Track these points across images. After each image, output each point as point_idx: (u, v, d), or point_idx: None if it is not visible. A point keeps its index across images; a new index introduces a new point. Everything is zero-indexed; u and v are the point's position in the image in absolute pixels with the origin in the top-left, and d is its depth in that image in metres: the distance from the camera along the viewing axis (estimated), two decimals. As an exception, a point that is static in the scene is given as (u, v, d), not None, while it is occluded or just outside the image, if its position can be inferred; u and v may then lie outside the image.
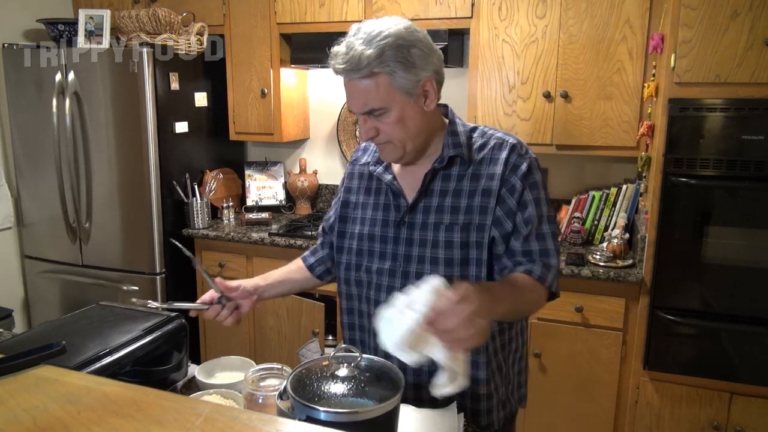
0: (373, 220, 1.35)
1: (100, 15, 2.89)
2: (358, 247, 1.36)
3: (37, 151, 3.05)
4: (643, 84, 2.40)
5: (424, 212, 1.29)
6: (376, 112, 1.20)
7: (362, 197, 1.39)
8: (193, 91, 3.09)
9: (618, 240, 2.48)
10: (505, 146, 1.28)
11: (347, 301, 1.42)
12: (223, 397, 1.23)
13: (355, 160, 1.46)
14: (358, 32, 1.17)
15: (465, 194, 1.27)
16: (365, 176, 1.40)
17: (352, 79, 1.18)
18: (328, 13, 2.84)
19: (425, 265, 1.28)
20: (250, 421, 0.71)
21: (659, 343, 2.28)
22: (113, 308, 1.42)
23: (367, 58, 1.14)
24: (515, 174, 1.25)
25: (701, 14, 2.06)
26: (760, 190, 2.09)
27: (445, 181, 1.29)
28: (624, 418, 2.45)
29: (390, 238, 1.32)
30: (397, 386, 0.99)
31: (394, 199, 1.33)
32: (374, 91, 1.17)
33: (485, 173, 1.27)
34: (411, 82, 1.18)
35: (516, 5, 2.55)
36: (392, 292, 1.29)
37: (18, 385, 0.79)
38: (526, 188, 1.26)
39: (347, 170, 1.47)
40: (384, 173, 1.34)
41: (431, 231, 1.28)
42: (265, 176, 3.43)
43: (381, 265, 1.32)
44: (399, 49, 1.16)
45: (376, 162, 1.37)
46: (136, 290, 2.97)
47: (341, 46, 1.18)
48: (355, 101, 1.21)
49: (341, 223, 1.41)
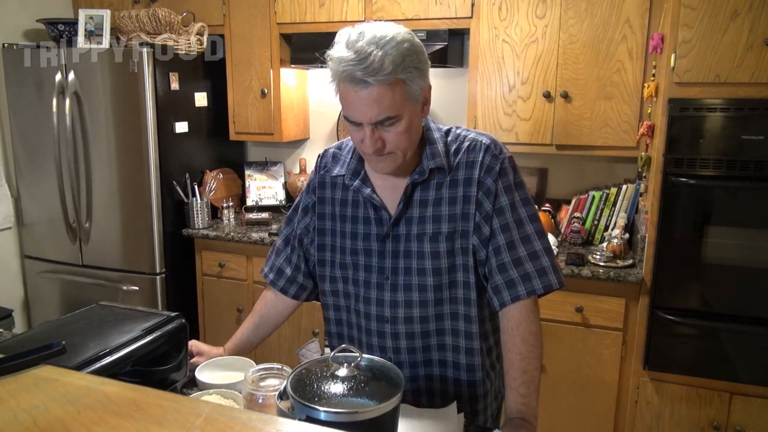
0: (354, 234, 1.31)
1: (100, 15, 2.89)
2: (341, 261, 1.33)
3: (37, 151, 3.05)
4: (643, 84, 2.40)
5: (407, 224, 1.26)
6: (388, 122, 1.13)
7: (338, 209, 1.34)
8: (193, 91, 3.09)
9: (618, 240, 2.48)
10: (480, 148, 1.25)
11: (335, 312, 1.40)
12: (223, 397, 1.23)
13: (326, 170, 1.38)
14: (363, 37, 1.09)
15: (445, 202, 1.25)
16: (339, 186, 1.34)
17: (369, 86, 1.09)
18: (328, 13, 2.84)
19: (413, 276, 1.26)
20: (250, 421, 0.70)
21: (659, 343, 2.28)
22: (113, 308, 1.42)
23: (391, 63, 1.07)
24: (489, 176, 1.23)
25: (701, 14, 2.06)
26: (760, 190, 2.09)
27: (424, 191, 1.26)
28: (624, 418, 2.45)
29: (375, 252, 1.29)
30: (397, 386, 0.99)
31: (374, 213, 1.29)
32: (391, 99, 1.11)
33: (462, 178, 1.24)
34: (419, 89, 1.15)
35: (516, 5, 2.55)
36: (382, 304, 1.29)
37: (18, 385, 0.79)
38: (500, 191, 1.23)
39: (316, 179, 1.38)
40: (362, 187, 1.29)
41: (415, 242, 1.25)
42: (265, 176, 3.43)
43: (368, 278, 1.30)
44: (415, 55, 1.12)
45: (351, 175, 1.31)
46: (136, 290, 2.97)
47: (342, 50, 1.10)
48: (366, 110, 1.12)
49: (320, 236, 1.36)
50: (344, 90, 1.14)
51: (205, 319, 3.12)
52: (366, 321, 1.33)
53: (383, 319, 1.30)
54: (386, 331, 1.30)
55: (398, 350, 1.31)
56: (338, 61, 1.10)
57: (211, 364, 1.39)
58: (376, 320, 1.31)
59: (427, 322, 1.28)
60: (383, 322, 1.30)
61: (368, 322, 1.32)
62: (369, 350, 1.34)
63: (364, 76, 1.08)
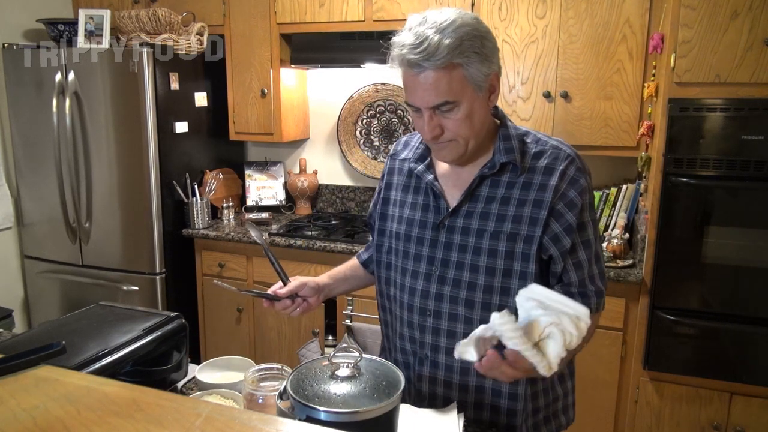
0: (411, 220, 1.30)
1: (100, 15, 2.89)
2: (395, 246, 1.32)
3: (37, 151, 3.05)
4: (643, 84, 2.40)
5: (466, 216, 1.23)
6: (446, 107, 1.13)
7: (401, 194, 1.34)
8: (193, 91, 3.09)
9: (618, 240, 2.48)
10: (563, 157, 1.21)
11: (381, 298, 1.40)
12: (223, 397, 1.23)
13: (394, 154, 1.40)
14: (425, 22, 1.09)
15: (514, 202, 1.21)
16: (404, 172, 1.35)
17: (425, 70, 1.09)
18: (328, 13, 2.84)
19: (464, 272, 1.23)
20: (250, 421, 0.70)
21: (659, 343, 2.28)
22: (113, 308, 1.42)
23: (447, 47, 1.07)
24: (573, 188, 1.19)
25: (701, 14, 2.06)
26: (760, 190, 2.09)
27: (493, 188, 1.23)
28: (624, 418, 2.45)
29: (427, 240, 1.26)
30: (397, 386, 0.99)
31: (434, 200, 1.27)
32: (447, 83, 1.10)
33: (537, 183, 1.20)
34: (482, 75, 1.12)
35: (516, 5, 2.55)
36: (427, 296, 1.26)
37: (18, 385, 0.79)
38: (585, 207, 1.20)
39: (387, 164, 1.41)
40: (425, 172, 1.28)
41: (473, 237, 1.22)
42: (265, 176, 3.43)
43: (416, 268, 1.28)
44: (476, 40, 1.10)
45: (417, 159, 1.31)
46: (136, 290, 2.97)
47: (406, 35, 1.10)
48: (423, 94, 1.12)
49: (381, 221, 1.37)
50: (404, 75, 1.15)
51: (205, 319, 3.12)
52: (408, 313, 1.29)
53: (426, 312, 1.27)
54: (427, 325, 1.27)
55: (437, 349, 1.27)
56: (398, 45, 1.12)
57: (211, 364, 1.39)
58: (418, 313, 1.28)
59: (471, 324, 1.22)
60: (425, 315, 1.27)
61: (410, 315, 1.29)
62: (407, 343, 1.32)
63: (419, 59, 1.08)
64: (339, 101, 3.29)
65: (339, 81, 3.29)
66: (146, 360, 1.26)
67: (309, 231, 2.94)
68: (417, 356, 1.31)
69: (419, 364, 1.31)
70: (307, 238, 2.82)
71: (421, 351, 1.30)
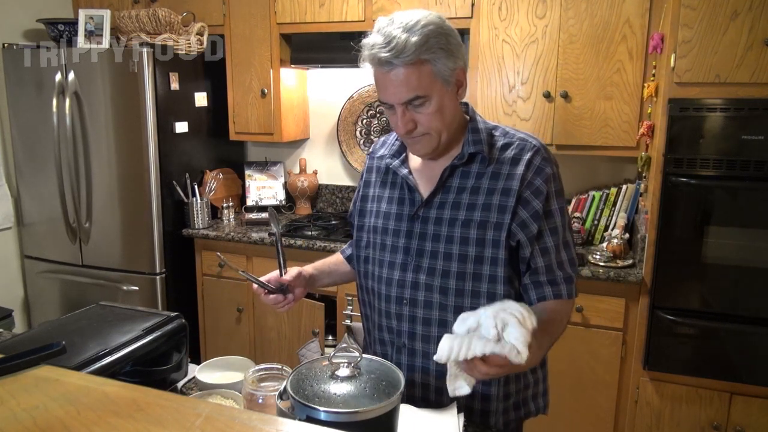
0: (387, 213, 1.35)
1: (100, 15, 2.89)
2: (373, 240, 1.37)
3: (37, 151, 3.05)
4: (643, 84, 2.40)
5: (439, 207, 1.28)
6: (417, 102, 1.19)
7: (378, 190, 1.40)
8: (193, 91, 3.09)
9: (618, 240, 2.48)
10: (528, 148, 1.27)
11: (361, 292, 1.44)
12: (223, 397, 1.23)
13: (372, 152, 1.47)
14: (392, 23, 1.16)
15: (483, 192, 1.26)
16: (382, 169, 1.41)
17: (395, 67, 1.15)
18: (328, 13, 2.84)
19: (438, 260, 1.27)
20: (250, 421, 0.70)
21: (659, 343, 2.28)
22: (113, 308, 1.42)
23: (414, 44, 1.13)
24: (539, 177, 1.25)
25: (701, 14, 2.06)
26: (760, 190, 2.09)
27: (463, 178, 1.28)
28: (624, 418, 2.45)
29: (403, 232, 1.31)
30: (397, 386, 0.99)
31: (409, 193, 1.32)
32: (417, 79, 1.16)
33: (505, 173, 1.26)
34: (449, 70, 1.18)
35: (516, 5, 2.55)
36: (403, 285, 1.31)
37: (18, 385, 0.79)
38: (551, 194, 1.26)
39: (366, 163, 1.48)
40: (400, 167, 1.34)
41: (446, 226, 1.27)
42: (265, 176, 3.42)
43: (393, 259, 1.32)
44: (441, 37, 1.16)
45: (392, 155, 1.37)
46: (136, 290, 2.97)
47: (375, 36, 1.17)
48: (394, 90, 1.18)
49: (360, 217, 1.42)
50: (375, 74, 1.20)
51: (205, 319, 3.12)
52: (386, 304, 1.34)
53: (402, 301, 1.31)
54: (404, 313, 1.31)
55: (413, 336, 1.31)
56: (368, 46, 1.18)
57: (211, 364, 1.39)
58: (395, 302, 1.32)
59: (446, 311, 1.28)
60: (402, 305, 1.31)
61: (388, 305, 1.33)
62: (385, 334, 1.35)
63: (389, 57, 1.14)
64: (339, 101, 3.29)
65: (339, 81, 3.29)
66: (146, 360, 1.26)
67: (309, 231, 2.94)
68: (395, 345, 1.35)
69: (397, 353, 1.35)
70: (307, 238, 2.82)
71: (398, 340, 1.34)
